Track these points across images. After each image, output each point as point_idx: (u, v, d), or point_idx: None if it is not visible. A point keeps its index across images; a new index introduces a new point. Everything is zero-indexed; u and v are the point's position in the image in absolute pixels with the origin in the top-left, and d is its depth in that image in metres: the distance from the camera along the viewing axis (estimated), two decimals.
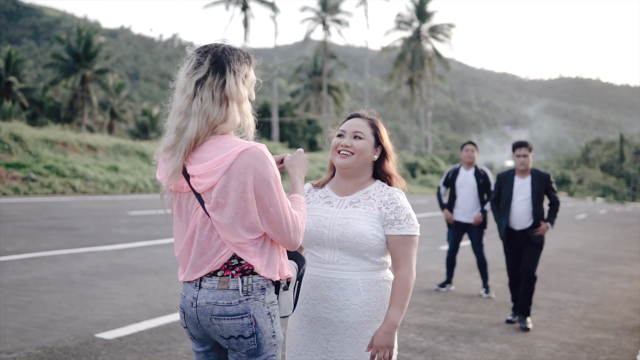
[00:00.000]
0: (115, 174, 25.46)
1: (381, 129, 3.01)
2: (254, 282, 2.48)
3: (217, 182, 2.40)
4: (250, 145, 2.43)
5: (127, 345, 5.71)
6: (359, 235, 2.82)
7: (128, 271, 8.99)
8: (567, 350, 6.50)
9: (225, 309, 2.46)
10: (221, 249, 2.47)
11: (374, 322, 2.88)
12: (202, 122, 2.43)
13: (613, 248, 17.08)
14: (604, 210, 42.48)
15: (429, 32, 65.11)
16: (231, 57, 2.50)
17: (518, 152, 7.45)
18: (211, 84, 2.44)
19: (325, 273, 2.88)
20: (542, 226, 7.32)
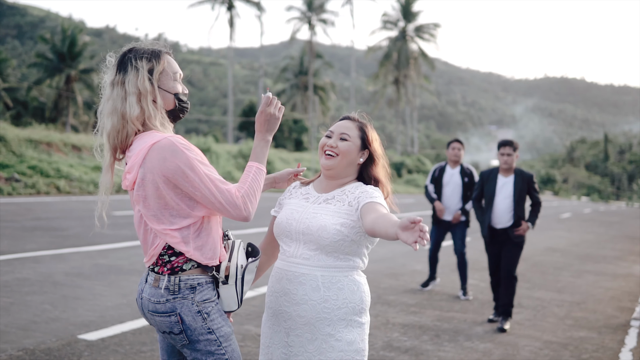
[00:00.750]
0: (99, 174, 25.32)
1: (369, 133, 2.98)
2: (181, 282, 2.57)
3: (136, 177, 2.54)
4: (162, 137, 2.53)
5: (110, 347, 5.68)
6: (321, 229, 2.79)
7: (112, 272, 8.94)
8: (551, 349, 6.53)
9: (155, 307, 2.60)
10: (154, 240, 2.61)
11: (335, 321, 2.80)
12: (115, 119, 2.60)
13: (597, 247, 17.18)
14: (589, 209, 42.73)
15: (414, 31, 65.28)
16: (134, 54, 2.65)
17: (502, 151, 7.49)
18: (117, 82, 2.62)
19: (288, 266, 2.87)
20: (522, 226, 7.35)
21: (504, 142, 7.55)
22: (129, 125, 2.59)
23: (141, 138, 2.59)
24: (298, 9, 61.25)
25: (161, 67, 2.69)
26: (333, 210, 2.85)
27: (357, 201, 2.83)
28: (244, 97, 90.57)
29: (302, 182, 3.10)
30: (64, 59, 48.79)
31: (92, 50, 55.40)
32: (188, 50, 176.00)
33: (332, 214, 2.84)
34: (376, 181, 2.98)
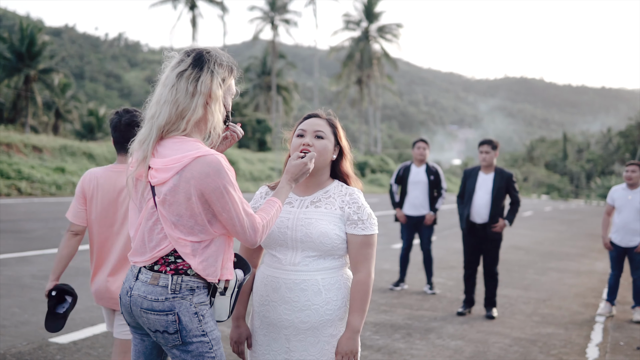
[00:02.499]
0: (62, 176, 24.97)
1: (339, 129, 3.03)
2: (183, 282, 2.56)
3: (169, 180, 2.50)
4: (209, 152, 2.51)
5: (82, 349, 5.64)
6: (322, 235, 2.83)
7: (80, 274, 8.84)
8: (520, 345, 6.63)
9: (152, 304, 2.56)
10: (161, 242, 2.58)
11: (335, 321, 2.89)
12: (172, 111, 2.54)
13: (559, 244, 17.46)
14: (549, 208, 43.38)
15: (377, 32, 65.57)
16: (213, 58, 2.62)
17: (482, 149, 7.82)
18: (188, 77, 2.56)
19: (286, 275, 2.88)
20: (499, 223, 7.66)
21: (483, 141, 7.87)
22: (181, 123, 2.56)
23: (180, 142, 2.55)
24: (261, 9, 61.19)
25: (230, 81, 2.69)
26: (325, 214, 2.89)
27: (349, 209, 2.91)
28: None
29: (270, 186, 3.08)
30: (23, 58, 47.95)
31: (51, 50, 54.58)
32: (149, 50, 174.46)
33: (328, 219, 2.88)
34: (347, 176, 3.04)
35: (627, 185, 8.12)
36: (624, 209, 8.05)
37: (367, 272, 2.90)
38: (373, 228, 2.92)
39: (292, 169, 2.79)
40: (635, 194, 8.02)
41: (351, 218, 2.90)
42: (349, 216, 2.90)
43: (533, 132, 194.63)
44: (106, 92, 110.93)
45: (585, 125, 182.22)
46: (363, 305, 2.88)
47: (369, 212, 2.93)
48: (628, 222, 7.99)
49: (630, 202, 8.00)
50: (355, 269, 2.92)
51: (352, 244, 2.90)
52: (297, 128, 3.01)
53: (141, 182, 2.61)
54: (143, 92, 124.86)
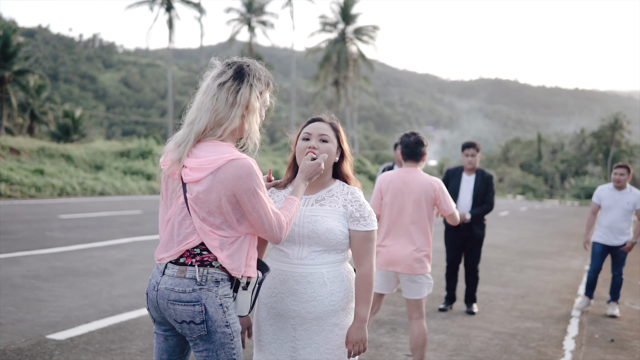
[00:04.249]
0: (42, 178, 24.90)
1: (342, 132, 3.25)
2: (209, 274, 2.71)
3: (203, 179, 2.68)
4: (241, 156, 2.70)
5: (79, 345, 5.80)
6: (328, 232, 3.05)
7: (69, 274, 8.98)
8: (500, 339, 6.90)
9: (179, 296, 2.70)
10: (189, 236, 2.74)
11: (339, 311, 3.11)
12: (212, 118, 2.73)
13: (535, 243, 17.82)
14: (525, 208, 43.92)
15: (353, 33, 65.82)
16: (253, 72, 2.82)
17: (467, 152, 8.13)
18: (229, 88, 2.75)
19: (293, 268, 3.09)
20: (461, 218, 7.92)
21: (468, 144, 8.16)
22: (219, 130, 2.75)
23: (215, 146, 2.73)
24: (237, 10, 61.17)
25: (266, 95, 2.90)
26: (330, 212, 3.11)
27: (352, 207, 3.14)
28: (183, 99, 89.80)
29: (277, 186, 3.27)
30: None
31: (26, 51, 54.13)
32: (124, 51, 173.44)
33: (333, 216, 3.11)
34: (347, 177, 3.26)
35: (614, 186, 8.40)
36: (612, 209, 8.34)
37: (370, 265, 3.14)
38: (373, 224, 3.15)
39: (306, 169, 3.02)
40: (623, 195, 8.33)
41: (354, 215, 3.12)
42: (351, 213, 3.12)
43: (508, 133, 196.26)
44: (81, 93, 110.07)
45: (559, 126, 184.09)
46: (368, 296, 3.12)
47: (369, 209, 3.16)
48: (615, 222, 8.30)
49: (619, 202, 8.30)
50: (358, 263, 3.15)
51: (354, 240, 3.13)
52: (301, 131, 3.22)
53: (172, 179, 2.79)
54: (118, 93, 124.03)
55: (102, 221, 15.98)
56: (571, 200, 69.33)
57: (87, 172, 30.21)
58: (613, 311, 8.32)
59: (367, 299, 3.11)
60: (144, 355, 5.62)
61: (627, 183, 8.41)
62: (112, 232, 13.91)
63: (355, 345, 3.08)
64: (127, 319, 6.77)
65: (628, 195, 8.31)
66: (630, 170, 8.38)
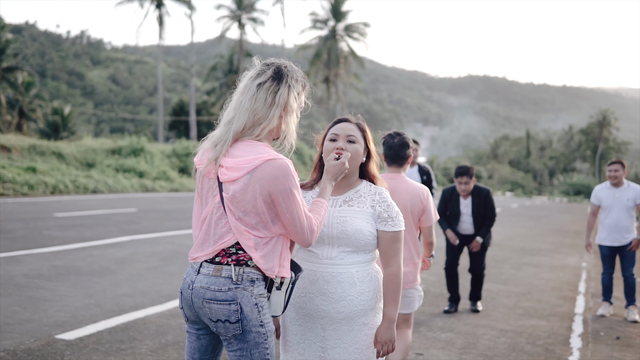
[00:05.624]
0: (34, 175, 24.78)
1: (368, 133, 3.25)
2: (244, 273, 2.71)
3: (240, 179, 2.68)
4: (278, 157, 2.71)
5: (89, 345, 5.78)
6: (357, 232, 3.05)
7: (71, 273, 8.94)
8: (507, 337, 6.92)
9: (215, 294, 2.70)
10: (225, 235, 2.74)
11: (368, 311, 3.11)
12: (250, 117, 2.75)
13: (530, 240, 17.88)
14: (516, 204, 44.04)
15: (344, 31, 65.81)
16: (291, 73, 2.84)
17: (460, 180, 8.04)
18: (268, 88, 2.77)
19: (323, 268, 3.09)
20: (473, 243, 8.10)
21: (461, 172, 8.03)
22: (256, 130, 2.76)
23: (252, 145, 2.74)
24: (228, 7, 60.99)
25: (303, 97, 2.92)
26: (358, 212, 3.11)
27: (380, 207, 3.14)
28: (171, 96, 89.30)
29: (303, 187, 3.25)
30: None
31: (14, 48, 53.81)
32: (112, 48, 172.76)
33: (361, 217, 3.10)
34: (374, 177, 3.26)
35: (611, 184, 8.22)
36: (613, 208, 8.14)
37: (398, 266, 3.14)
38: (401, 225, 3.15)
39: (332, 169, 3.01)
40: (621, 192, 8.13)
41: (382, 216, 3.12)
42: (379, 214, 3.12)
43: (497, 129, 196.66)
44: (69, 90, 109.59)
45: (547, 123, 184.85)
46: (396, 296, 3.12)
47: (397, 210, 3.17)
48: (619, 221, 8.08)
49: (618, 200, 8.10)
50: (386, 263, 3.15)
51: (382, 240, 3.13)
52: (328, 132, 3.22)
53: (208, 179, 2.79)
54: (106, 90, 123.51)
55: (97, 219, 15.91)
56: (560, 196, 69.58)
57: (79, 169, 30.08)
58: (634, 316, 8.02)
59: (396, 299, 3.11)
60: (155, 355, 5.60)
61: (624, 179, 8.25)
62: (109, 230, 13.85)
63: (384, 345, 3.09)
64: (134, 319, 6.75)
65: (627, 192, 8.12)
66: (625, 165, 8.21)
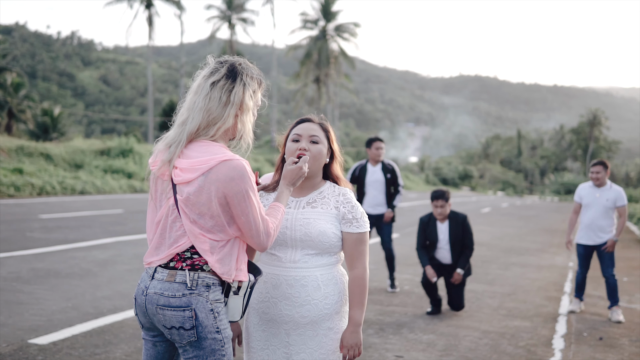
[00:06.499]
0: (21, 177, 24.58)
1: (331, 133, 3.15)
2: (199, 278, 2.63)
3: (194, 180, 2.60)
4: (234, 157, 2.62)
5: (63, 350, 5.67)
6: (321, 234, 2.97)
7: (51, 275, 8.83)
8: (489, 338, 6.85)
9: (169, 300, 2.62)
10: (179, 239, 2.66)
11: (333, 315, 3.03)
12: (205, 117, 2.66)
13: (519, 240, 17.84)
14: (506, 204, 44.07)
15: (334, 31, 65.75)
16: (246, 71, 2.75)
17: (436, 203, 7.91)
18: (222, 87, 2.68)
19: (286, 272, 3.00)
20: (455, 276, 7.81)
21: (437, 195, 7.91)
22: (211, 130, 2.66)
23: (207, 146, 2.66)
24: (218, 7, 60.85)
25: (259, 94, 2.83)
26: (322, 214, 3.02)
27: (344, 208, 3.05)
28: (162, 96, 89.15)
29: (265, 189, 3.18)
30: None
31: (3, 49, 53.54)
32: (103, 49, 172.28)
33: (325, 218, 3.01)
34: (338, 178, 3.17)
35: (593, 184, 8.24)
36: (592, 207, 8.18)
37: (363, 268, 3.06)
38: (366, 226, 3.07)
39: (288, 175, 2.91)
40: (602, 192, 8.15)
41: (346, 217, 3.04)
42: (344, 215, 3.04)
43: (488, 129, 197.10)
44: (59, 91, 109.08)
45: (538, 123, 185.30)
46: (362, 299, 3.04)
47: (361, 210, 3.09)
48: (595, 220, 8.12)
49: (598, 199, 8.13)
50: (351, 265, 3.07)
51: (347, 242, 3.05)
52: (290, 132, 3.12)
53: (162, 180, 2.71)
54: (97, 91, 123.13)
55: (83, 221, 15.78)
56: (551, 195, 69.74)
57: (67, 171, 29.88)
58: (618, 317, 7.97)
59: (362, 302, 3.04)
60: (129, 359, 5.50)
61: (607, 179, 8.25)
62: (94, 232, 13.73)
63: (350, 350, 3.01)
64: (111, 322, 6.64)
65: (608, 192, 8.13)
66: (608, 166, 8.21)
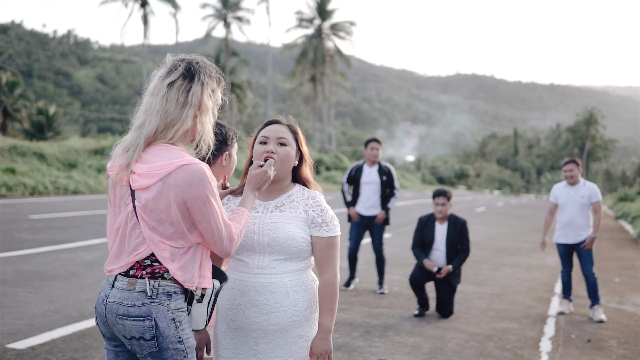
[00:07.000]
0: (13, 177, 24.48)
1: (300, 135, 3.08)
2: (160, 287, 2.55)
3: (152, 186, 2.51)
4: (194, 161, 2.53)
5: (40, 355, 5.59)
6: (289, 239, 2.89)
7: (35, 277, 8.74)
8: (476, 341, 6.78)
9: (128, 310, 2.53)
10: (139, 247, 2.57)
11: (303, 322, 2.95)
12: (162, 120, 2.57)
13: (512, 239, 17.80)
14: (501, 203, 44.05)
15: (330, 29, 65.68)
16: (204, 70, 2.66)
17: (437, 201, 7.92)
18: (179, 87, 2.58)
19: (254, 278, 2.92)
20: (442, 271, 7.73)
21: (438, 193, 7.93)
22: (169, 132, 2.57)
23: (165, 150, 2.58)
24: (213, 6, 60.72)
25: (218, 93, 2.74)
26: (290, 218, 2.94)
27: (313, 212, 2.97)
28: None
29: (234, 194, 3.10)
30: None
31: None
32: (99, 48, 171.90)
33: (294, 222, 2.93)
34: (307, 181, 3.10)
35: (567, 183, 8.33)
36: (568, 206, 8.23)
37: (334, 273, 2.97)
38: (336, 229, 2.99)
39: (253, 179, 2.83)
40: (576, 190, 8.22)
41: (315, 221, 2.96)
42: (313, 219, 2.96)
43: (485, 128, 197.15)
44: (55, 90, 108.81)
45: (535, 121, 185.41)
46: (332, 305, 2.96)
47: (331, 214, 3.01)
48: (573, 218, 8.17)
49: (573, 197, 8.19)
50: (321, 270, 2.98)
51: (317, 246, 2.97)
52: (258, 134, 3.04)
53: (120, 186, 2.62)
54: (93, 90, 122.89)
55: (73, 221, 15.68)
56: (547, 194, 69.64)
57: (61, 170, 29.78)
58: (600, 316, 7.95)
59: (332, 308, 2.96)
60: None
61: (580, 177, 8.32)
62: (83, 232, 13.63)
63: (320, 357, 2.93)
64: (92, 325, 6.55)
65: (582, 190, 8.20)
66: (579, 163, 8.30)
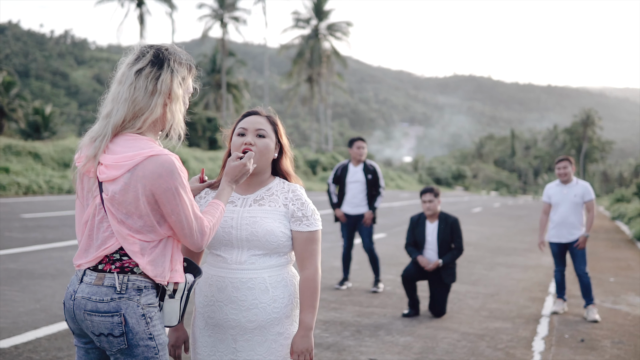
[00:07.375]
0: (7, 176, 24.36)
1: (280, 126, 3.00)
2: (129, 281, 2.47)
3: (119, 178, 2.43)
4: (162, 152, 2.45)
5: (24, 354, 5.49)
6: (268, 233, 2.80)
7: (23, 276, 8.64)
8: (468, 340, 6.69)
9: (97, 305, 2.45)
10: (107, 241, 2.49)
11: (282, 319, 2.86)
12: (130, 109, 2.48)
13: (507, 240, 17.72)
14: (498, 204, 44.01)
15: (327, 30, 65.64)
16: (173, 56, 2.58)
17: (424, 198, 7.80)
18: (147, 75, 2.50)
19: (232, 274, 2.83)
20: (432, 264, 7.62)
21: (425, 190, 7.84)
22: (138, 122, 2.48)
23: (134, 140, 2.48)
24: (210, 6, 60.66)
25: (189, 80, 2.65)
26: (270, 212, 2.85)
27: (293, 206, 2.88)
28: None
29: (212, 187, 3.02)
30: None
31: None
32: (97, 48, 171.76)
33: (273, 217, 2.85)
34: (287, 174, 3.01)
35: (560, 182, 8.29)
36: (561, 205, 8.18)
37: (315, 269, 2.88)
38: (317, 224, 2.90)
39: (231, 171, 2.74)
40: (569, 188, 8.18)
41: (295, 215, 2.87)
42: (293, 213, 2.87)
43: (482, 129, 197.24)
44: (52, 90, 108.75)
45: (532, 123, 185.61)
46: (313, 302, 2.87)
47: (312, 208, 2.92)
48: (566, 217, 8.11)
49: (566, 196, 8.14)
50: (302, 266, 2.90)
51: (297, 241, 2.88)
52: (236, 126, 2.95)
53: (88, 178, 2.54)
54: (91, 90, 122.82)
55: (65, 220, 15.57)
56: None
57: (55, 170, 29.65)
58: (594, 316, 7.88)
59: (313, 304, 2.87)
60: None
61: (573, 175, 8.27)
62: (74, 231, 13.48)
63: (301, 355, 2.84)
64: None
65: (575, 188, 8.16)
66: (572, 161, 8.26)
